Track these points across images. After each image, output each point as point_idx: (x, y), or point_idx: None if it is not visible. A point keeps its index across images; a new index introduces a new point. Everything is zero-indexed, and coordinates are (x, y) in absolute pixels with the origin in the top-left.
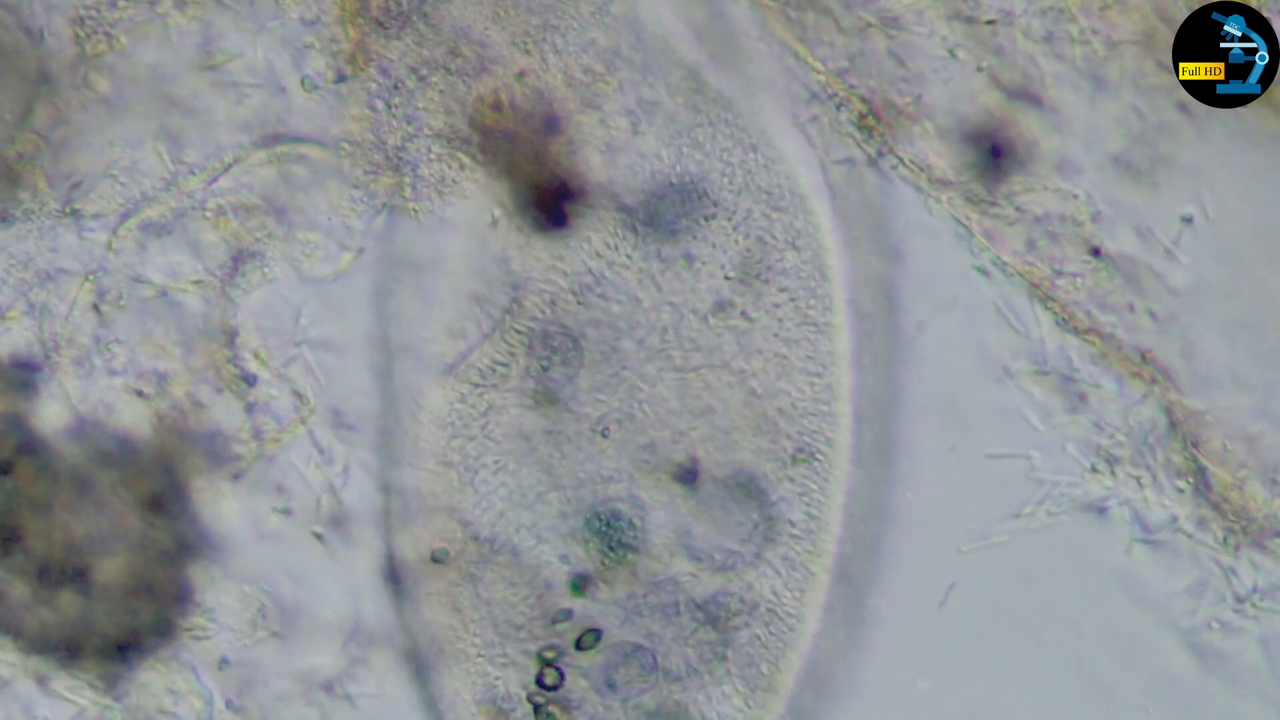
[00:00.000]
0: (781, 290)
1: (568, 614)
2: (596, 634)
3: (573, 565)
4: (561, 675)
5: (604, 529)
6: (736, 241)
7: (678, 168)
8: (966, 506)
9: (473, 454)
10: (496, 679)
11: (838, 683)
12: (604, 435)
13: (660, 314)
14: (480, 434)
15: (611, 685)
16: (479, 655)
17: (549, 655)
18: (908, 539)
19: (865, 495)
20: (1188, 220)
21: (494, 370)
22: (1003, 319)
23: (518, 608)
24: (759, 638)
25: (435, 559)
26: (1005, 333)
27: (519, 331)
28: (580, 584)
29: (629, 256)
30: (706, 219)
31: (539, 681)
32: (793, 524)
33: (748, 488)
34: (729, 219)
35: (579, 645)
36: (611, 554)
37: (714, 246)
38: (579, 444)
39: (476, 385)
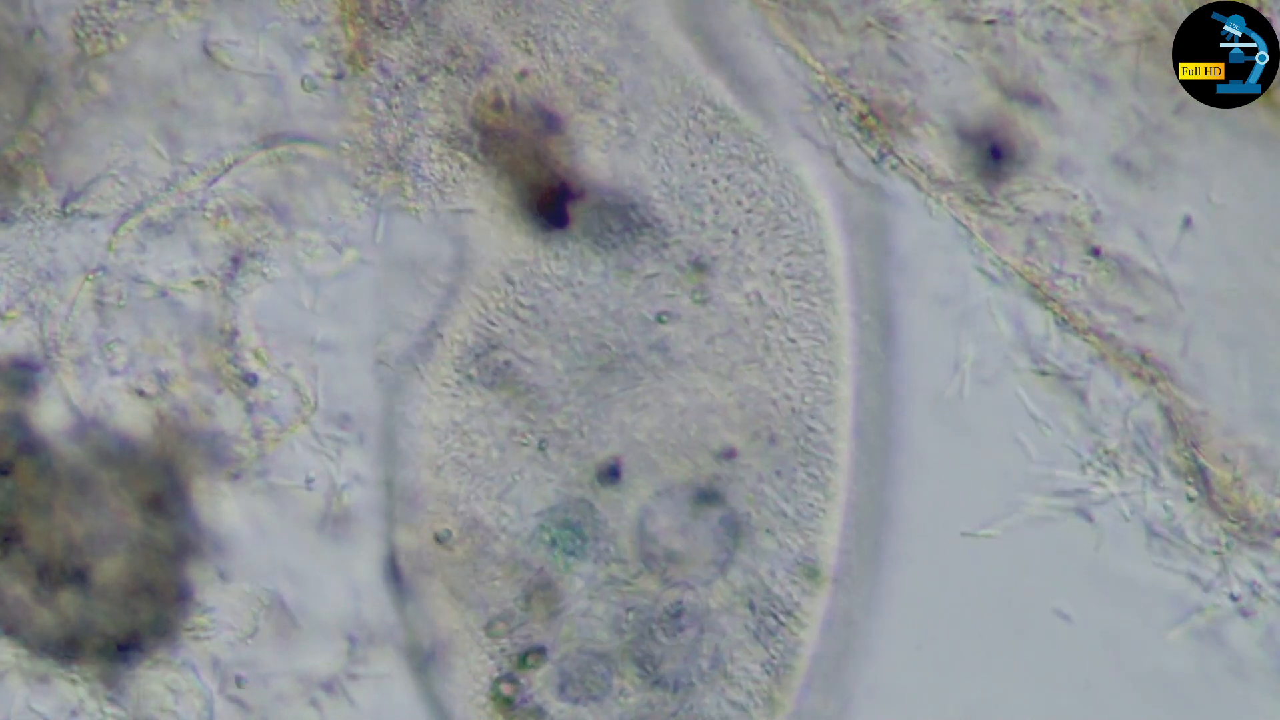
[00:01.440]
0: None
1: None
2: (541, 651)
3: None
4: (517, 687)
5: (551, 538)
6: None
7: (619, 179)
8: (966, 505)
9: (461, 450)
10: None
11: (839, 683)
12: (541, 449)
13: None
14: (466, 431)
15: (564, 688)
16: (478, 650)
17: (509, 668)
18: (907, 538)
19: (865, 495)
20: (1187, 223)
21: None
22: (1004, 318)
23: (507, 601)
24: (760, 640)
25: (439, 539)
26: (1005, 332)
27: (455, 340)
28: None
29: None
30: (634, 230)
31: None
32: (796, 516)
33: (709, 498)
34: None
35: (524, 663)
36: (557, 561)
37: (676, 262)
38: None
39: (455, 385)
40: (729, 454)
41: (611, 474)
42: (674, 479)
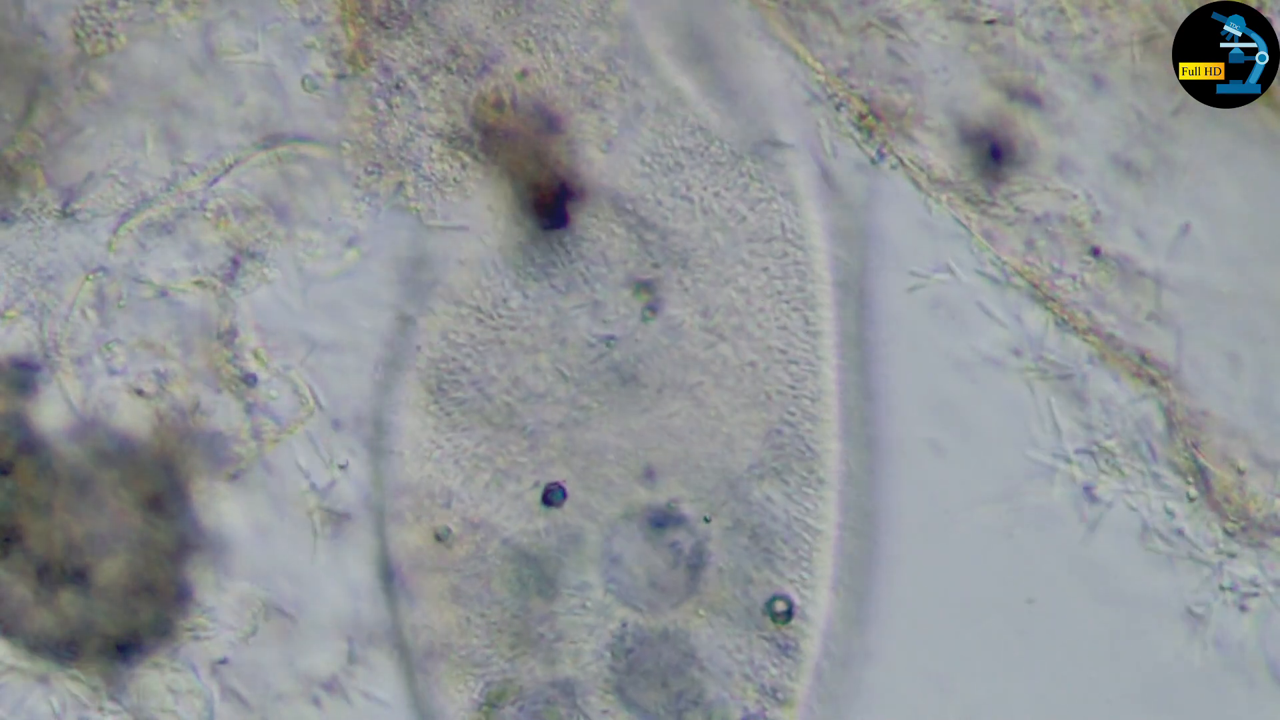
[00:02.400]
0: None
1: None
2: (504, 692)
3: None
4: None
5: (512, 574)
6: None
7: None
8: (961, 505)
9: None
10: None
11: (838, 687)
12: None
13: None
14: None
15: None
16: (477, 649)
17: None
18: (902, 540)
19: (858, 501)
20: (1185, 229)
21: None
22: (1003, 318)
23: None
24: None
25: (439, 537)
26: (1003, 331)
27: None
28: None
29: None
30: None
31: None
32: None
33: (663, 522)
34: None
35: (492, 704)
36: (520, 591)
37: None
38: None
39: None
40: (650, 474)
41: (559, 495)
42: (636, 503)
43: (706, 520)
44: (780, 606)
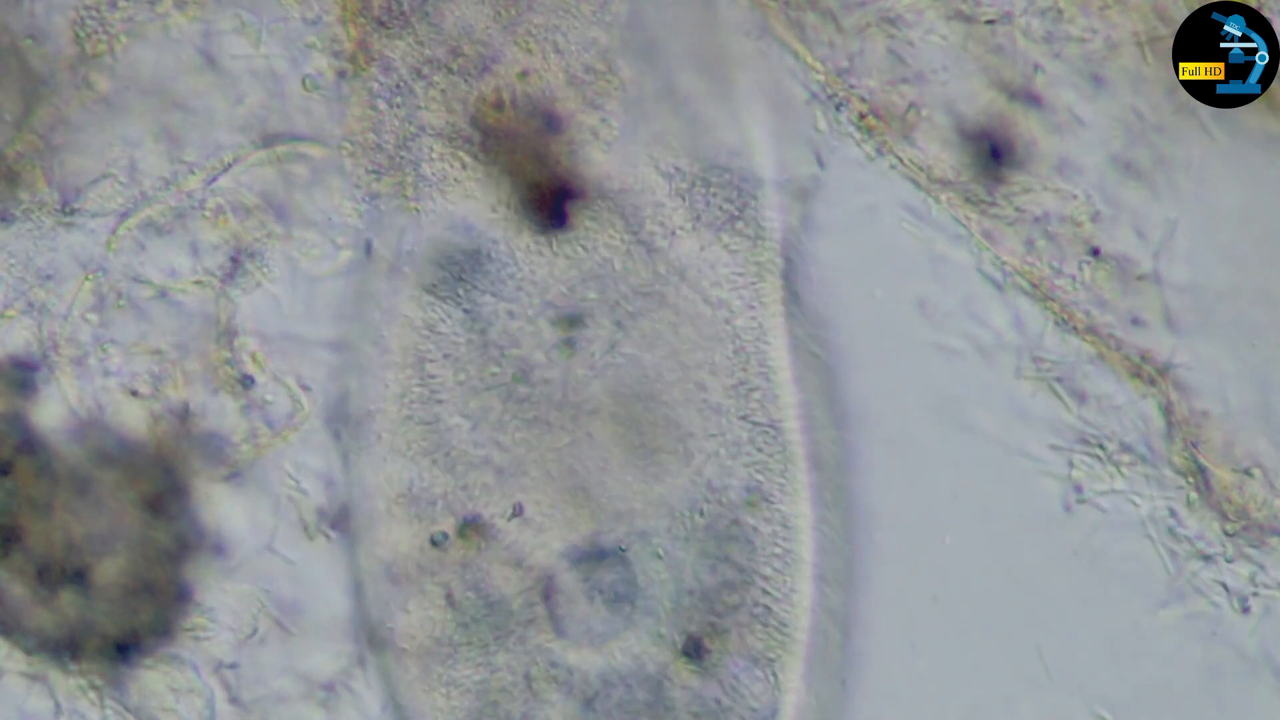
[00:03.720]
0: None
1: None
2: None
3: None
4: None
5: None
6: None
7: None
8: (960, 503)
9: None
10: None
11: (836, 685)
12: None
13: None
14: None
15: None
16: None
17: None
18: (898, 543)
19: (847, 496)
20: (1173, 226)
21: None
22: (1002, 319)
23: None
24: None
25: (434, 542)
26: (1001, 332)
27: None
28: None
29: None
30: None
31: None
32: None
33: (598, 558)
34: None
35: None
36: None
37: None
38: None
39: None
40: (518, 511)
41: (471, 522)
42: (577, 537)
43: (622, 550)
44: (690, 647)
